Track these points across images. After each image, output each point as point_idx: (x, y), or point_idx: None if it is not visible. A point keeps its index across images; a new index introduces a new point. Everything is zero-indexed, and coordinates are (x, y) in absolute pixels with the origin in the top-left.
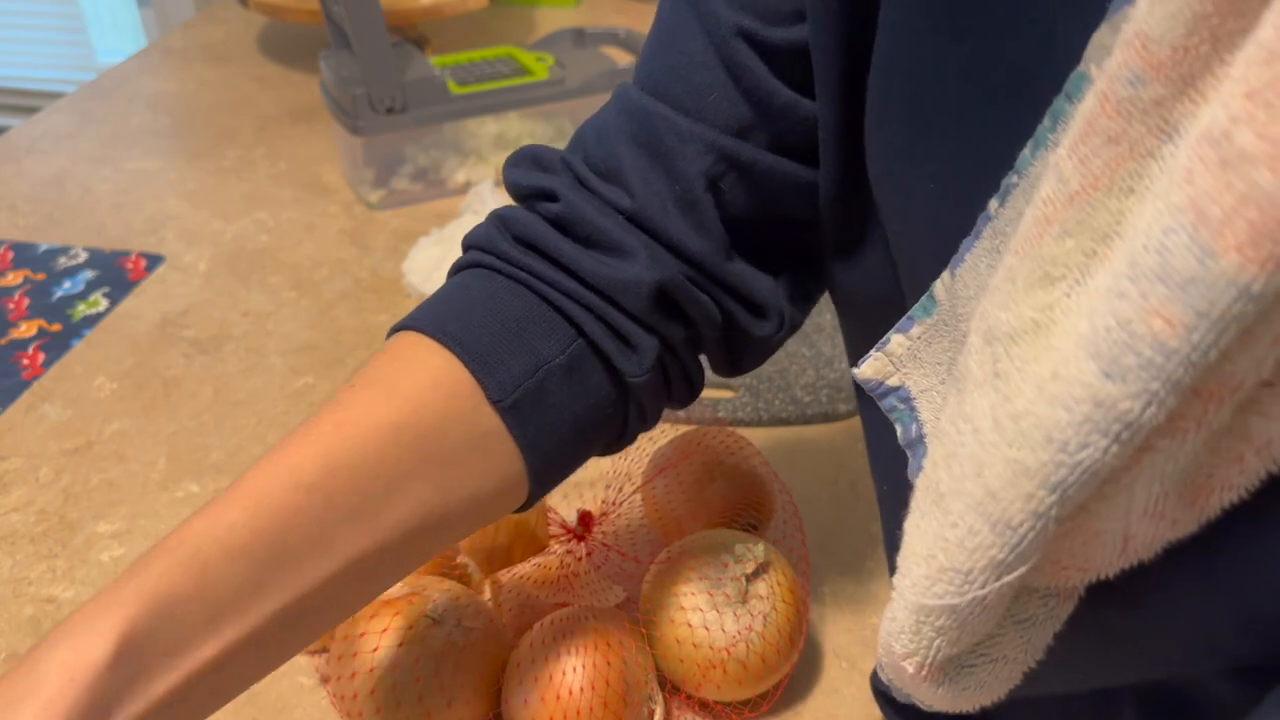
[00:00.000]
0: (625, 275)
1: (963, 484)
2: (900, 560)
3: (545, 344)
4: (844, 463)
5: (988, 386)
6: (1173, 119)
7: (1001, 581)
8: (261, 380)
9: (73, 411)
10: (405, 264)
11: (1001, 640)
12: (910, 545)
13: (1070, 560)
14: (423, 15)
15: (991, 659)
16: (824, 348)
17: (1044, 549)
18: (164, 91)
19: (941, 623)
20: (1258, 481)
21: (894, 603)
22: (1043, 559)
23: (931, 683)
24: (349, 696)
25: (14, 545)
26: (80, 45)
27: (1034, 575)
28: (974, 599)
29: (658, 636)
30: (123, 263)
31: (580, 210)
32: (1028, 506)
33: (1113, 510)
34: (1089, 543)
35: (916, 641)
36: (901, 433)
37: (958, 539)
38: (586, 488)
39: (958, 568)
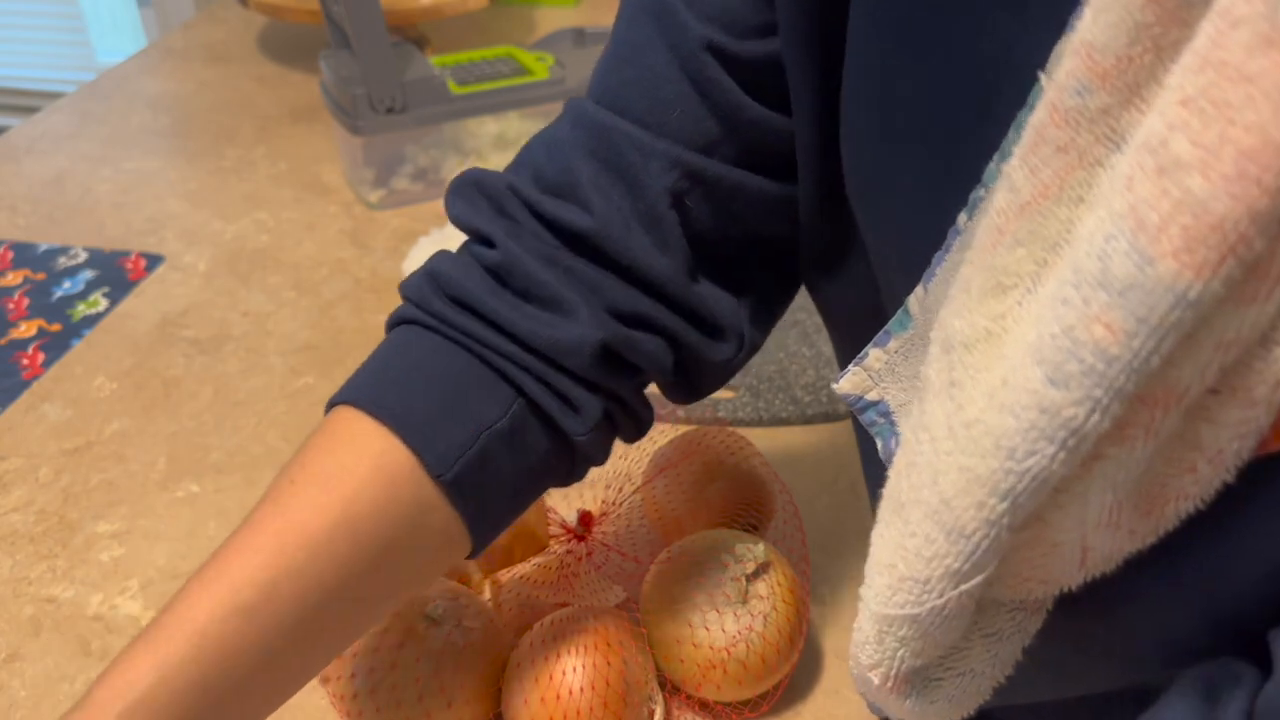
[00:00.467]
0: (567, 336)
1: (920, 493)
2: (866, 570)
3: (485, 407)
4: (844, 463)
5: (944, 395)
6: (1120, 127)
7: (959, 590)
8: (261, 380)
9: (73, 411)
10: (405, 264)
11: (969, 654)
12: (874, 555)
13: (1031, 572)
14: (423, 15)
15: (959, 672)
16: (824, 348)
17: (1000, 558)
18: (164, 91)
19: (904, 633)
20: (1213, 491)
21: (860, 613)
22: (1004, 571)
23: (898, 694)
24: (348, 696)
25: (14, 545)
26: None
27: (997, 588)
28: (933, 608)
29: (658, 636)
30: (122, 263)
31: (518, 260)
32: (980, 514)
33: (1067, 520)
34: (1048, 554)
35: (880, 652)
36: (881, 447)
37: (915, 548)
38: (587, 488)
39: (916, 576)
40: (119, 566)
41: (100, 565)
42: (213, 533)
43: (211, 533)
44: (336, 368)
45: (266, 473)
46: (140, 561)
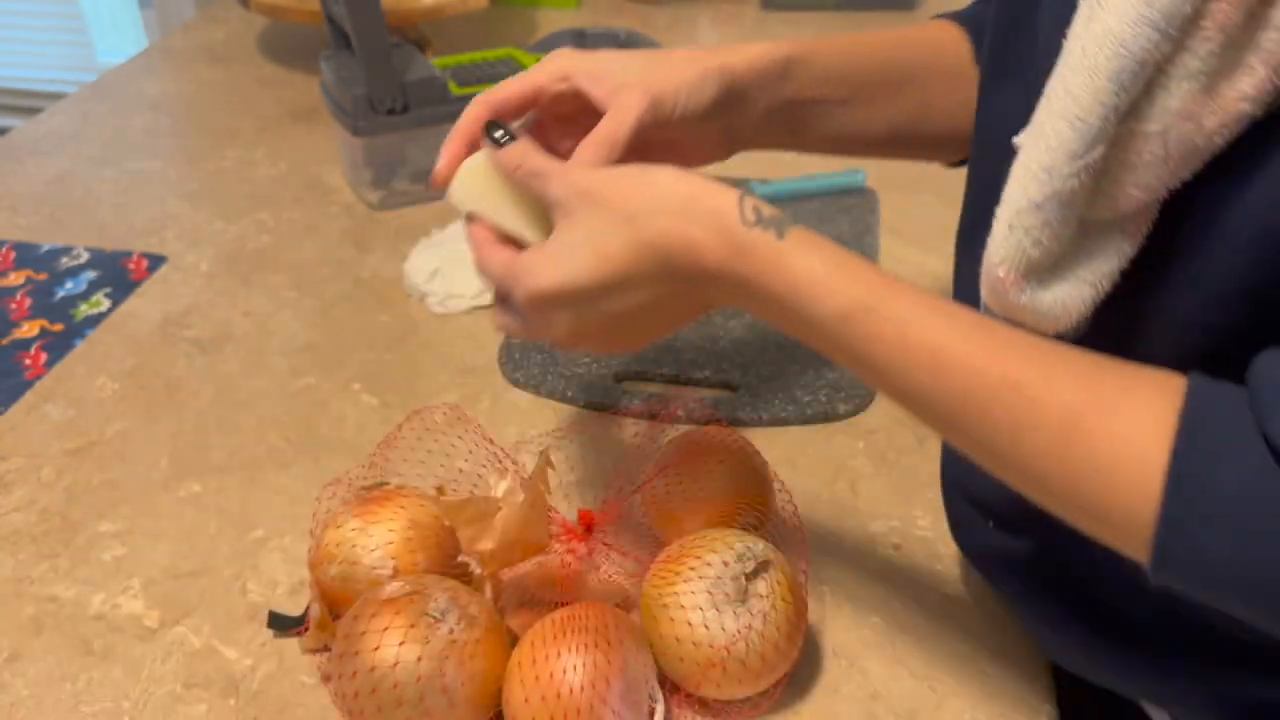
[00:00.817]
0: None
1: (1053, 104)
2: (1003, 199)
3: None
4: (844, 463)
5: (1087, 14)
6: None
7: (1078, 165)
8: (263, 380)
9: (75, 411)
10: (406, 264)
11: (1076, 263)
12: (1010, 182)
13: (1127, 176)
14: (423, 16)
15: (1066, 278)
16: None
17: (1107, 142)
18: (165, 92)
19: (1029, 222)
20: (1265, 95)
21: (995, 222)
22: (1106, 182)
23: (1017, 289)
24: (350, 695)
25: (16, 545)
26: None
27: (1101, 205)
28: (1055, 192)
29: (658, 635)
30: (124, 263)
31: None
32: (1095, 99)
33: (1154, 109)
34: (1140, 154)
35: (1008, 246)
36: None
37: (1045, 145)
38: (587, 487)
39: (1043, 165)
40: (121, 566)
41: (102, 565)
42: (214, 532)
43: (213, 532)
44: (338, 368)
45: (268, 472)
46: (142, 561)
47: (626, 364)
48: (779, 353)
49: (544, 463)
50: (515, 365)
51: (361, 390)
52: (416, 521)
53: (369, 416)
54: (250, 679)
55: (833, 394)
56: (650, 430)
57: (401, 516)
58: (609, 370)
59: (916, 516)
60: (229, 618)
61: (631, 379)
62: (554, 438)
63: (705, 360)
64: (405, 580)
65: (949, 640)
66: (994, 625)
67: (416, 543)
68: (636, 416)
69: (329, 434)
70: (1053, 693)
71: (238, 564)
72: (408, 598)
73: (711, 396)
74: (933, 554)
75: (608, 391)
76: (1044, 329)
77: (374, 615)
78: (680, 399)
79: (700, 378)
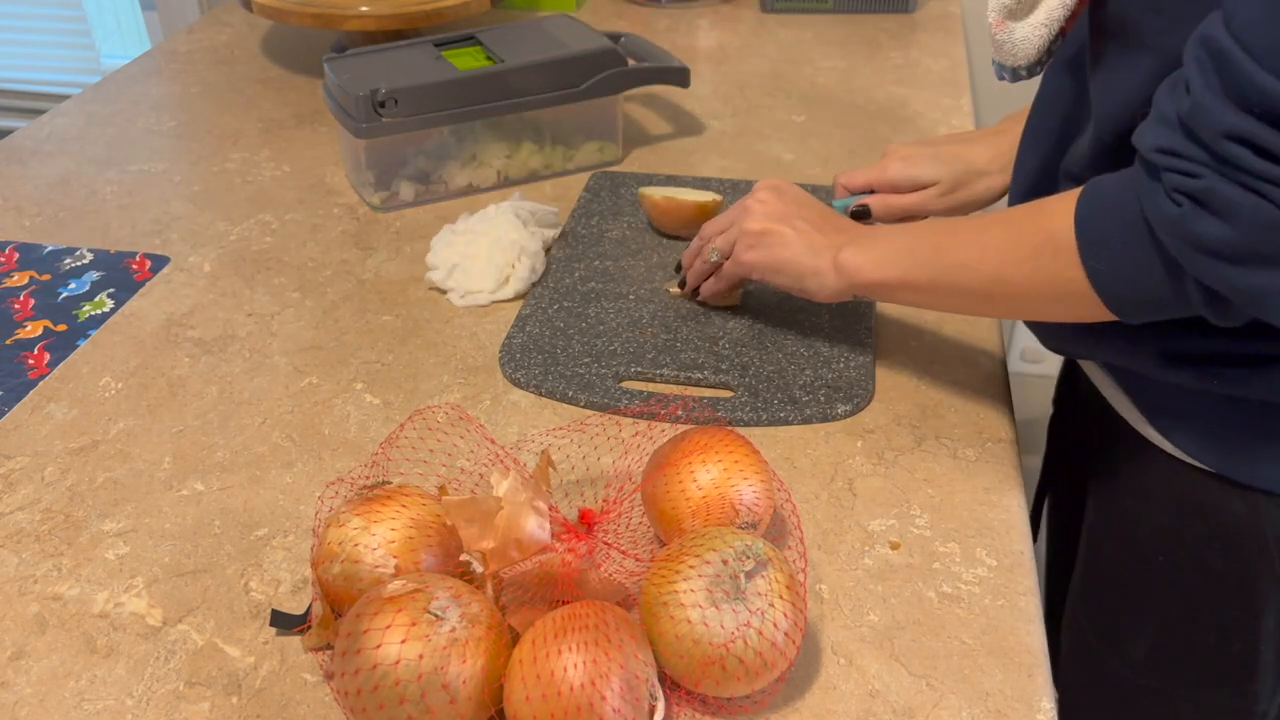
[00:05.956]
0: None
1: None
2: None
3: None
4: (842, 462)
5: None
6: None
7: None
8: (266, 380)
9: (78, 411)
10: (426, 259)
11: (1035, 8)
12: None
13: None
14: (425, 18)
15: (1030, 21)
16: (822, 348)
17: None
18: (168, 94)
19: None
20: None
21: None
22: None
23: (1000, 29)
24: (352, 693)
25: (20, 543)
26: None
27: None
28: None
29: (657, 633)
30: (128, 264)
31: None
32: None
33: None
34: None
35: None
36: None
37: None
38: (587, 487)
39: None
40: (124, 564)
41: (106, 563)
42: (217, 531)
43: (216, 531)
44: (340, 368)
45: (271, 471)
46: (145, 559)
47: (626, 364)
48: (778, 353)
49: (544, 462)
50: (516, 365)
51: (364, 390)
52: (418, 520)
53: (371, 416)
54: (253, 677)
55: (831, 394)
56: (650, 430)
57: (403, 515)
58: (609, 370)
59: (914, 515)
60: (232, 616)
61: (631, 379)
62: (554, 438)
63: (705, 360)
64: (407, 578)
65: (947, 638)
66: (993, 624)
67: (418, 541)
68: (636, 416)
69: (331, 433)
70: (1052, 693)
71: (240, 562)
72: (409, 596)
73: (711, 396)
74: (931, 553)
75: (608, 391)
76: (1019, 59)
77: (376, 613)
78: (680, 399)
79: (700, 378)
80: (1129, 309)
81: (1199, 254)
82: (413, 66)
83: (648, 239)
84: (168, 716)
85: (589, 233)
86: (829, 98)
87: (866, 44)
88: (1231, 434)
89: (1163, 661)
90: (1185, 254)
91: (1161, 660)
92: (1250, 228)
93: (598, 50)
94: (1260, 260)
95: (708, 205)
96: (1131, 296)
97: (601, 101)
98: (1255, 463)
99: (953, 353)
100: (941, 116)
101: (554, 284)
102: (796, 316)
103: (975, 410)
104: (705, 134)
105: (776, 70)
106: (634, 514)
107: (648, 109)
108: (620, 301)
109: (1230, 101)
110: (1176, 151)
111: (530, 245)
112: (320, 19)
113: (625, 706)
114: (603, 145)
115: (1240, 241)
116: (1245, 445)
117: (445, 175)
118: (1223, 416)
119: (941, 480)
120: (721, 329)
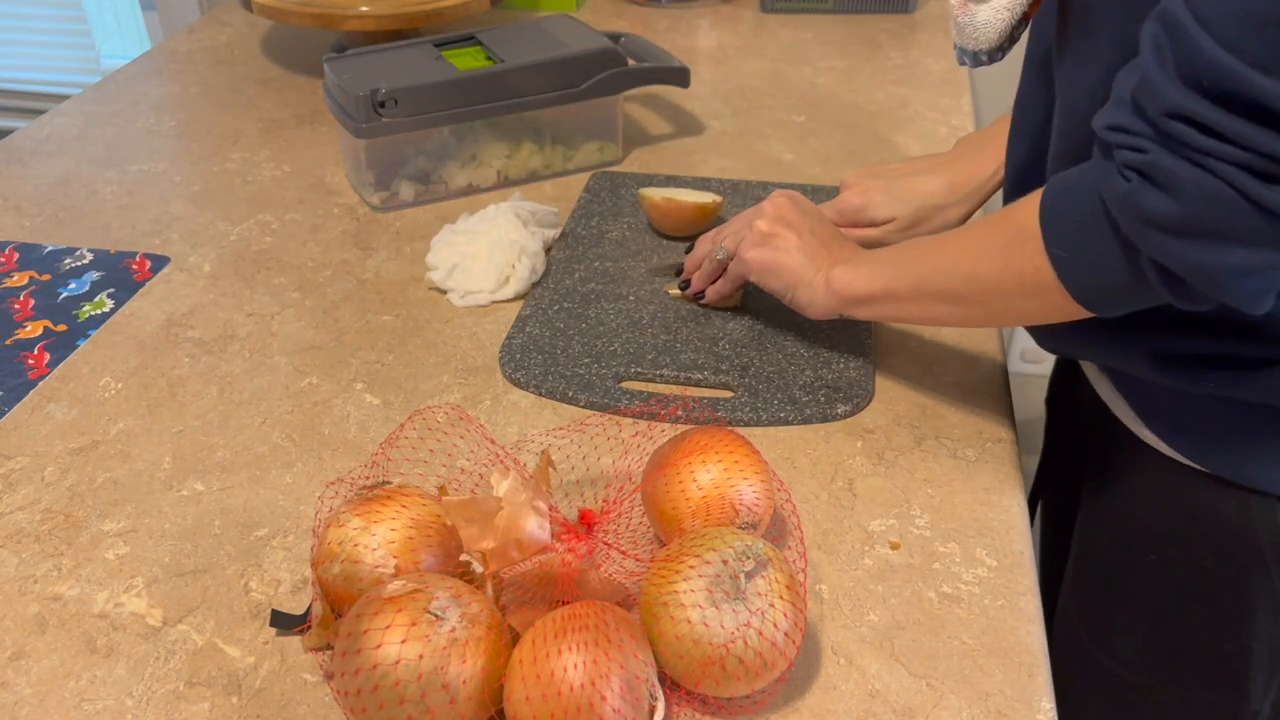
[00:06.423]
0: None
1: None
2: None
3: None
4: (842, 462)
5: None
6: None
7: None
8: (266, 380)
9: (78, 411)
10: (427, 259)
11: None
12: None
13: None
14: (425, 18)
15: (992, 4)
16: (822, 349)
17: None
18: (168, 94)
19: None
20: None
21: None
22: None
23: (964, 12)
24: (352, 693)
25: (20, 544)
26: (85, 49)
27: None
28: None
29: (657, 633)
30: (128, 264)
31: None
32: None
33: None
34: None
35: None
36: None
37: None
38: (587, 487)
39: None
40: (124, 565)
41: (105, 563)
42: (217, 531)
43: (216, 531)
44: (340, 368)
45: (271, 471)
46: (145, 559)
47: (626, 364)
48: (778, 354)
49: (544, 462)
50: (516, 365)
51: (364, 390)
52: (418, 520)
53: (371, 416)
54: (253, 677)
55: (831, 394)
56: (650, 430)
57: (403, 515)
58: (609, 370)
59: (914, 515)
60: (232, 616)
61: (631, 379)
62: (554, 438)
63: (705, 361)
64: (407, 578)
65: (947, 639)
66: (993, 624)
67: (418, 541)
68: (636, 416)
69: (331, 433)
70: (1052, 693)
71: (240, 562)
72: (409, 596)
73: (711, 396)
74: (930, 553)
75: (608, 391)
76: (980, 43)
77: (376, 613)
78: (680, 399)
79: (700, 378)
80: (1094, 297)
81: (1149, 229)
82: (413, 66)
83: (648, 240)
84: (168, 716)
85: (589, 233)
86: (829, 98)
87: (866, 44)
88: (1223, 434)
89: (1155, 660)
90: (1136, 230)
91: (1154, 658)
92: (1193, 201)
93: (598, 50)
94: (1207, 235)
95: (707, 206)
96: (1093, 282)
97: (601, 101)
98: (1247, 463)
99: (952, 353)
100: (941, 117)
101: (554, 284)
102: (796, 317)
103: (975, 410)
104: (705, 134)
105: (776, 70)
106: (634, 514)
107: (648, 109)
108: (620, 302)
109: (1178, 79)
110: (1126, 128)
111: (530, 245)
112: (320, 19)
113: (625, 706)
114: (603, 145)
115: (1185, 215)
116: (1237, 445)
117: (445, 175)
118: (1215, 417)
119: (941, 480)
120: (721, 329)
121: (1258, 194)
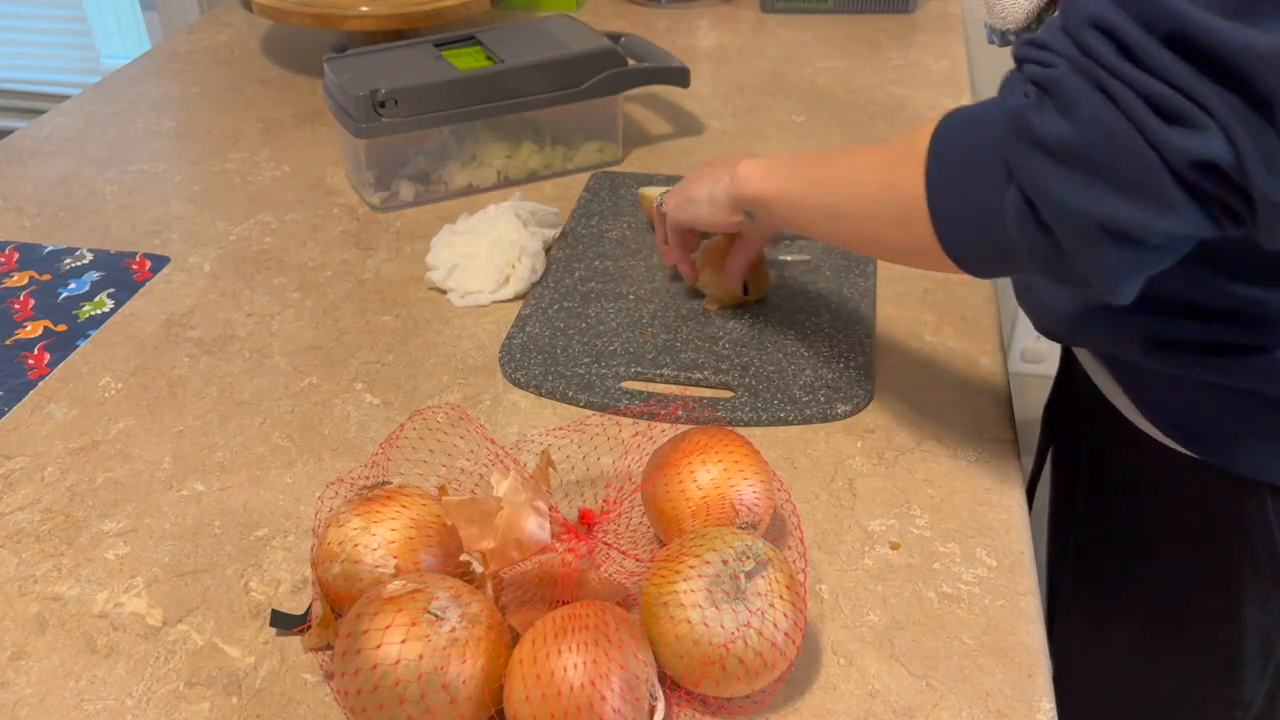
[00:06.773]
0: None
1: None
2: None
3: None
4: (842, 462)
5: None
6: None
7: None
8: (266, 380)
9: (78, 411)
10: (427, 259)
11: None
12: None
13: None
14: (425, 18)
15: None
16: (823, 348)
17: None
18: (168, 94)
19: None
20: None
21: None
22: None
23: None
24: (352, 693)
25: (20, 544)
26: (85, 49)
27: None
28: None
29: (657, 633)
30: (128, 264)
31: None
32: None
33: None
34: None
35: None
36: None
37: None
38: (587, 487)
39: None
40: (124, 565)
41: (106, 563)
42: (217, 531)
43: (216, 531)
44: (340, 368)
45: (271, 471)
46: (145, 560)
47: (626, 364)
48: (778, 353)
49: (544, 462)
50: (516, 365)
51: (364, 390)
52: (418, 520)
53: (371, 416)
54: (253, 677)
55: (831, 394)
56: (650, 430)
57: (403, 515)
58: (609, 370)
59: (914, 515)
60: (232, 616)
61: (631, 379)
62: (554, 438)
63: (705, 360)
64: (407, 579)
65: (947, 639)
66: (993, 624)
67: (418, 541)
68: (636, 416)
69: (331, 433)
70: (1052, 693)
71: (240, 562)
72: (409, 596)
73: (711, 396)
74: (931, 553)
75: (608, 391)
76: (1009, 22)
77: (376, 613)
78: (680, 399)
79: (700, 378)
80: (953, 234)
81: (1032, 150)
82: (413, 66)
83: (648, 239)
84: (168, 716)
85: (589, 233)
86: (829, 98)
87: (866, 44)
88: (1214, 421)
89: (1150, 649)
90: (1018, 151)
91: (1149, 648)
92: (1087, 127)
93: (598, 50)
94: (1089, 169)
95: None
96: (957, 212)
97: (601, 101)
98: (1236, 450)
99: (953, 352)
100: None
101: (554, 284)
102: (796, 317)
103: (975, 410)
104: (705, 134)
105: (776, 70)
106: (634, 514)
107: (648, 109)
108: (620, 302)
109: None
110: (1043, 44)
111: (530, 245)
112: (320, 19)
113: (625, 706)
114: (603, 145)
115: (1074, 140)
116: (1227, 433)
117: (445, 175)
118: (1207, 404)
119: (941, 480)
120: (721, 329)
121: (1155, 132)
